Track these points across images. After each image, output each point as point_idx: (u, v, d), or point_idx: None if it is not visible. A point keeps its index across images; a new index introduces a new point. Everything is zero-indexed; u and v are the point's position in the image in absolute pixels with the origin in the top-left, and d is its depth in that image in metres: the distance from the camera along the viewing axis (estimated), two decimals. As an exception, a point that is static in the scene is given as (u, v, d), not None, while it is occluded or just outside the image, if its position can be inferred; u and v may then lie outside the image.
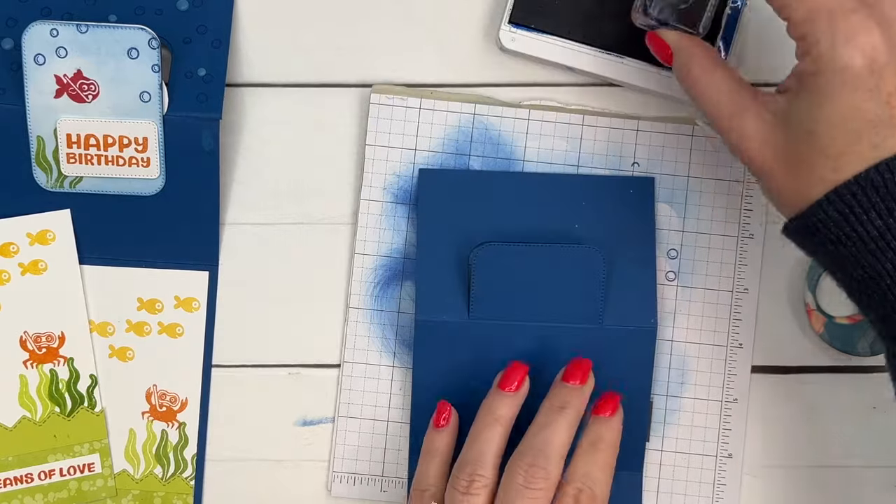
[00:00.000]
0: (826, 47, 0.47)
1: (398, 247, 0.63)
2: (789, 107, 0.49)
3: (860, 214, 0.46)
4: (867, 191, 0.46)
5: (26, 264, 0.62)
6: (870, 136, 0.46)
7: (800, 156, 0.48)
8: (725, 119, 0.51)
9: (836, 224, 0.47)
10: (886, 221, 0.46)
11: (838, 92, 0.47)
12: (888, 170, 0.46)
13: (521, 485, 0.54)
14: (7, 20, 0.60)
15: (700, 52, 0.54)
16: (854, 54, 0.46)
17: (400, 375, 0.63)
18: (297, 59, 0.63)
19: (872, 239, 0.47)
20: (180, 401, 0.63)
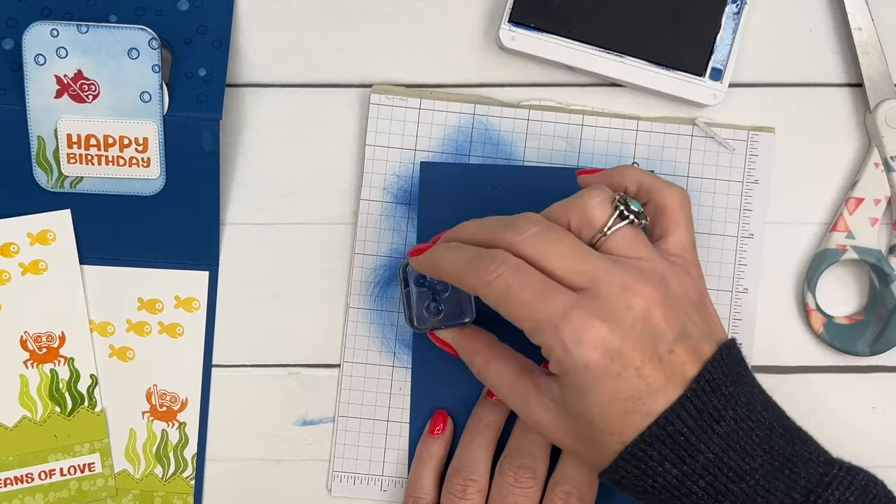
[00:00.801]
0: (560, 353, 0.48)
1: (398, 247, 0.63)
2: (563, 396, 0.50)
3: (655, 467, 0.48)
4: (654, 445, 0.47)
5: (27, 264, 0.62)
6: (637, 408, 0.47)
7: (589, 436, 0.49)
8: (516, 406, 0.53)
9: (636, 479, 0.48)
10: (682, 469, 0.47)
11: (592, 386, 0.48)
12: (667, 422, 0.47)
13: (510, 484, 0.57)
14: (7, 20, 0.60)
15: (481, 349, 0.56)
16: (587, 352, 0.47)
17: (400, 375, 0.63)
18: (297, 59, 0.63)
19: (674, 486, 0.48)
20: (180, 401, 0.63)
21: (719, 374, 0.48)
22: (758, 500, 0.47)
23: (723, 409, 0.48)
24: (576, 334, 0.47)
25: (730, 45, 0.61)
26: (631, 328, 0.48)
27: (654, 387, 0.47)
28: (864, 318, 0.62)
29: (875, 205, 0.62)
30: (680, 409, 0.47)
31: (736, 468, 0.47)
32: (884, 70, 0.62)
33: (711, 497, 0.48)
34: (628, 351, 0.47)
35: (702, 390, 0.48)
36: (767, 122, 0.63)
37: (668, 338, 0.48)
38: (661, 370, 0.48)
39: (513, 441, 0.59)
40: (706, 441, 0.47)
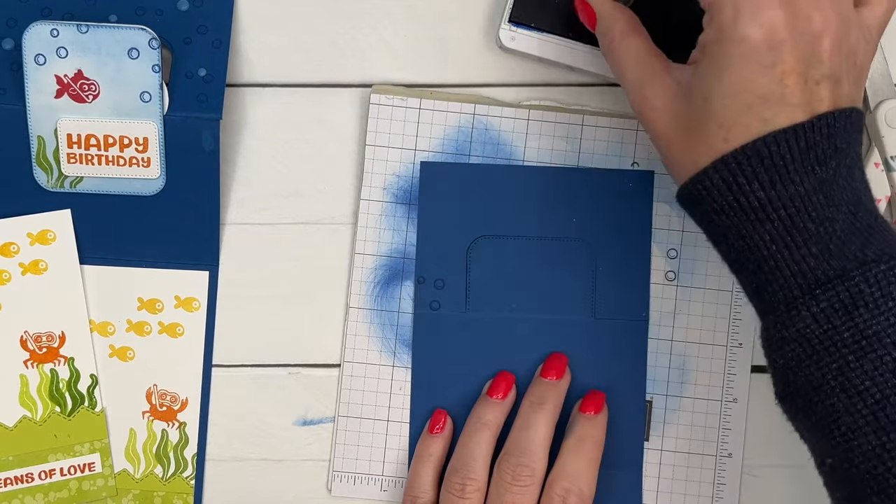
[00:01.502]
0: (728, 17, 0.48)
1: (398, 247, 0.63)
2: (693, 77, 0.50)
3: (743, 185, 0.48)
4: (752, 161, 0.47)
5: (27, 264, 0.62)
6: (760, 111, 0.47)
7: (696, 124, 0.49)
8: (634, 84, 0.53)
9: (719, 192, 0.48)
10: (768, 193, 0.47)
11: (735, 63, 0.48)
12: (774, 142, 0.47)
13: (508, 483, 0.57)
14: (7, 20, 0.60)
15: (621, 19, 0.55)
16: (754, 27, 0.47)
17: (400, 375, 0.63)
18: (297, 59, 0.63)
19: (753, 210, 0.48)
20: (180, 400, 0.63)
21: (841, 126, 0.48)
22: (831, 246, 0.47)
23: (829, 156, 0.48)
24: (755, 6, 0.47)
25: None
26: (802, 35, 0.47)
27: (787, 99, 0.47)
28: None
29: (875, 205, 0.62)
30: (793, 135, 0.47)
31: (820, 210, 0.47)
32: (884, 70, 0.62)
33: (787, 229, 0.48)
34: (788, 51, 0.47)
35: (820, 129, 0.47)
36: (767, 122, 0.63)
37: (824, 69, 0.48)
38: (801, 88, 0.48)
39: (511, 440, 0.59)
40: (802, 175, 0.47)
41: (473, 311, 0.62)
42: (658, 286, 0.62)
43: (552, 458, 0.59)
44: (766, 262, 0.48)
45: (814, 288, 0.47)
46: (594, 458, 0.59)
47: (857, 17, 0.50)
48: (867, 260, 0.47)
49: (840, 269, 0.47)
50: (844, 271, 0.47)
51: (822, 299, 0.47)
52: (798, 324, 0.48)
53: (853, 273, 0.47)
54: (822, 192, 0.48)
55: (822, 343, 0.47)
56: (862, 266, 0.47)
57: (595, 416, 0.60)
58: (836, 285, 0.47)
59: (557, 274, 0.62)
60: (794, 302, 0.48)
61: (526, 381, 0.62)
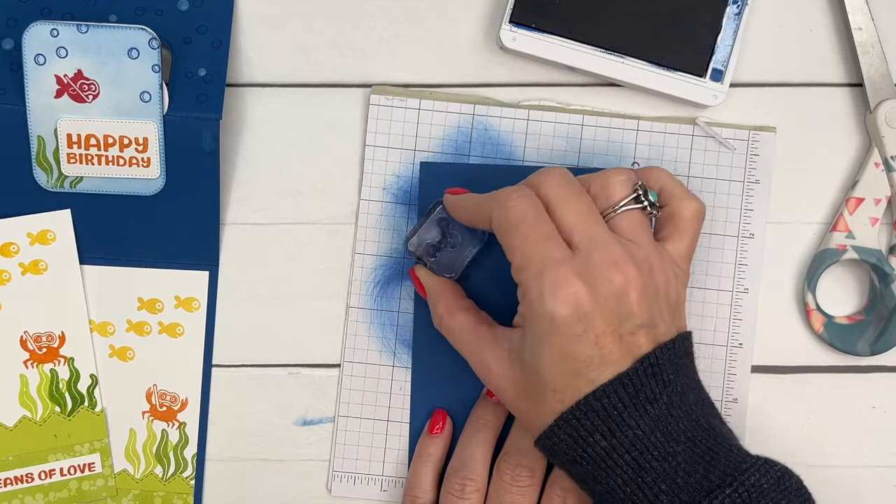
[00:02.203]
0: (535, 297, 0.51)
1: (398, 247, 0.63)
2: (520, 345, 0.53)
3: (586, 437, 0.50)
4: (588, 415, 0.50)
5: (27, 264, 0.62)
6: (585, 373, 0.50)
7: (533, 389, 0.52)
8: (471, 355, 0.56)
9: (568, 446, 0.51)
10: (610, 441, 0.50)
11: (552, 337, 0.50)
12: (604, 395, 0.49)
13: (508, 483, 0.58)
14: (7, 20, 0.60)
15: (446, 294, 0.59)
16: (559, 305, 0.50)
17: (400, 375, 0.63)
18: (297, 59, 0.63)
19: (601, 458, 0.50)
20: (180, 400, 0.63)
21: (664, 360, 0.50)
22: (678, 480, 0.49)
23: (659, 393, 0.50)
24: (555, 285, 0.50)
25: (731, 46, 0.61)
26: (605, 299, 0.50)
27: (607, 358, 0.50)
28: (864, 318, 0.62)
29: (875, 205, 0.62)
30: (619, 384, 0.49)
31: (661, 448, 0.49)
32: (884, 70, 0.62)
33: (635, 472, 0.50)
34: (596, 317, 0.50)
35: (644, 371, 0.50)
36: (768, 122, 0.63)
37: (636, 321, 0.50)
38: (618, 345, 0.50)
39: (511, 440, 0.59)
40: (637, 419, 0.49)
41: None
42: (658, 286, 0.62)
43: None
44: (625, 503, 0.50)
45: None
46: None
47: (660, 255, 0.53)
48: (713, 487, 0.49)
49: (690, 502, 0.49)
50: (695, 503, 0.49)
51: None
52: None
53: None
54: (659, 429, 0.50)
55: None
56: (709, 495, 0.49)
57: None
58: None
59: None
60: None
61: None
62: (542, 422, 0.52)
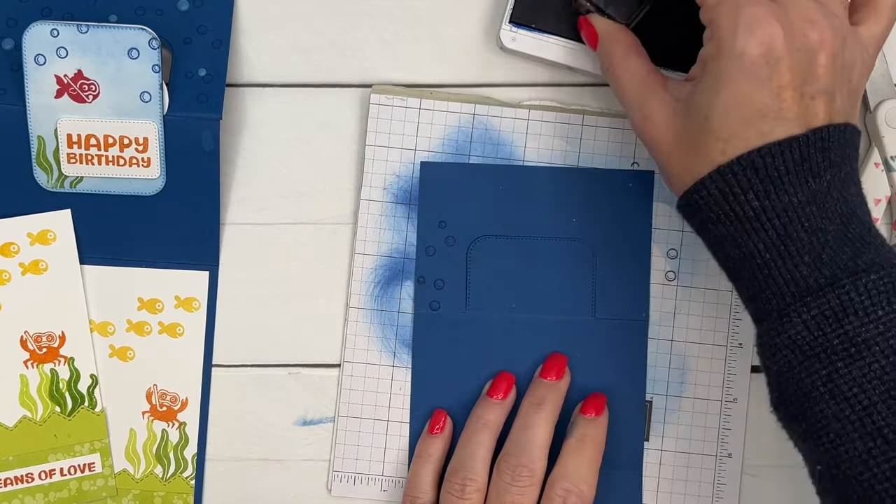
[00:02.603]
0: (727, 32, 0.49)
1: (398, 247, 0.63)
2: (692, 93, 0.51)
3: (738, 194, 0.49)
4: (747, 172, 0.49)
5: (27, 264, 0.62)
6: (758, 124, 0.49)
7: (695, 139, 0.50)
8: (634, 101, 0.54)
9: (716, 202, 0.50)
10: (763, 203, 0.49)
11: (734, 78, 0.49)
12: (770, 154, 0.48)
13: (508, 483, 0.58)
14: (7, 20, 0.60)
15: (622, 39, 0.57)
16: (752, 43, 0.49)
17: (400, 375, 0.63)
18: (297, 59, 0.63)
19: (748, 219, 0.49)
20: (180, 400, 0.63)
21: (835, 140, 0.49)
22: (822, 256, 0.48)
23: (824, 169, 0.49)
24: (752, 22, 0.49)
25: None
26: (798, 51, 0.49)
27: (784, 114, 0.49)
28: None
29: (875, 205, 0.62)
30: (788, 147, 0.48)
31: (814, 221, 0.49)
32: (884, 70, 0.62)
33: (780, 238, 0.49)
34: (784, 67, 0.49)
35: (814, 142, 0.49)
36: (767, 122, 0.63)
37: (819, 85, 0.49)
38: (797, 103, 0.49)
39: (511, 440, 0.59)
40: (796, 186, 0.48)
41: (473, 311, 0.62)
42: (658, 286, 0.62)
43: (552, 458, 0.59)
44: (761, 270, 0.49)
45: (805, 296, 0.48)
46: (595, 458, 0.59)
47: (853, 35, 0.51)
48: (857, 269, 0.48)
49: (831, 277, 0.48)
50: (835, 279, 0.48)
51: (813, 307, 0.48)
52: (789, 331, 0.49)
53: (844, 282, 0.47)
54: (816, 203, 0.49)
55: (813, 350, 0.48)
56: (852, 275, 0.48)
57: (596, 417, 0.60)
58: (826, 293, 0.48)
59: (557, 274, 0.62)
60: (785, 309, 0.49)
61: (526, 381, 0.62)
62: (695, 174, 0.51)
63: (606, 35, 0.57)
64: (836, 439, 0.48)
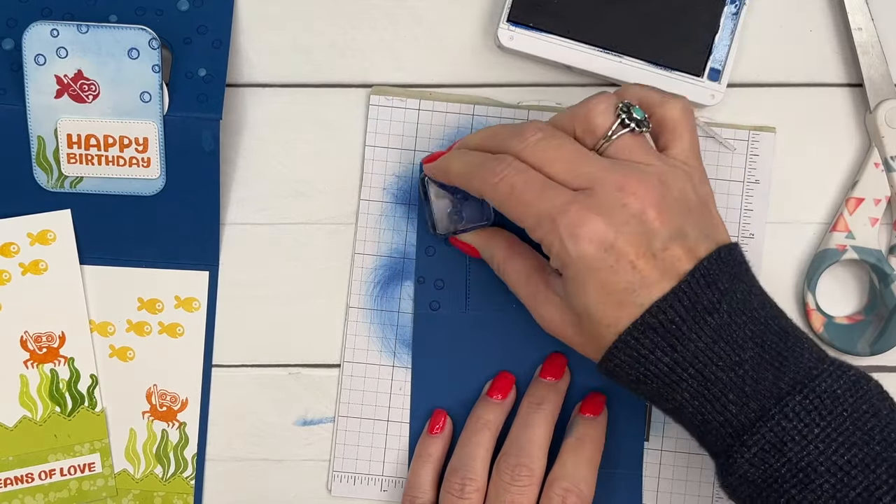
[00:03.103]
0: (558, 247, 0.50)
1: (398, 247, 0.63)
2: (565, 294, 0.52)
3: (647, 355, 0.50)
4: (646, 333, 0.50)
5: (27, 264, 0.62)
6: (632, 300, 0.50)
7: (586, 328, 0.52)
8: (526, 300, 0.56)
9: (630, 367, 0.51)
10: (672, 357, 0.50)
11: (588, 277, 0.50)
12: (659, 311, 0.49)
13: (507, 483, 0.58)
14: (7, 20, 0.60)
15: (498, 244, 0.59)
16: (583, 245, 0.50)
17: (400, 375, 0.63)
18: (297, 59, 0.63)
19: (665, 374, 0.50)
20: (180, 400, 0.63)
21: (715, 269, 0.50)
22: (745, 389, 0.49)
23: (717, 302, 0.49)
24: (572, 227, 0.50)
25: (728, 46, 0.61)
26: (625, 224, 0.49)
27: (649, 280, 0.49)
28: (864, 318, 0.62)
29: (875, 205, 0.62)
30: (673, 298, 0.49)
31: (726, 358, 0.49)
32: (884, 70, 0.62)
33: (701, 384, 0.50)
34: (622, 245, 0.49)
35: (696, 283, 0.49)
36: (768, 122, 0.63)
37: (663, 235, 0.50)
38: (654, 265, 0.50)
39: (510, 440, 0.59)
40: (697, 331, 0.49)
41: (473, 311, 0.62)
42: (658, 286, 0.62)
43: (552, 458, 0.59)
44: (695, 416, 0.51)
45: (741, 434, 0.50)
46: (594, 458, 0.59)
47: (665, 164, 0.52)
48: (782, 394, 0.49)
49: (759, 410, 0.49)
50: (764, 411, 0.49)
51: (752, 444, 0.49)
52: (738, 470, 0.50)
53: (772, 412, 0.49)
54: (722, 339, 0.49)
55: (765, 481, 0.49)
56: (779, 402, 0.49)
57: (595, 417, 0.60)
58: (759, 428, 0.49)
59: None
60: (729, 451, 0.50)
61: (526, 381, 0.62)
62: (602, 350, 0.52)
63: (482, 245, 0.59)
64: None
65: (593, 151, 0.52)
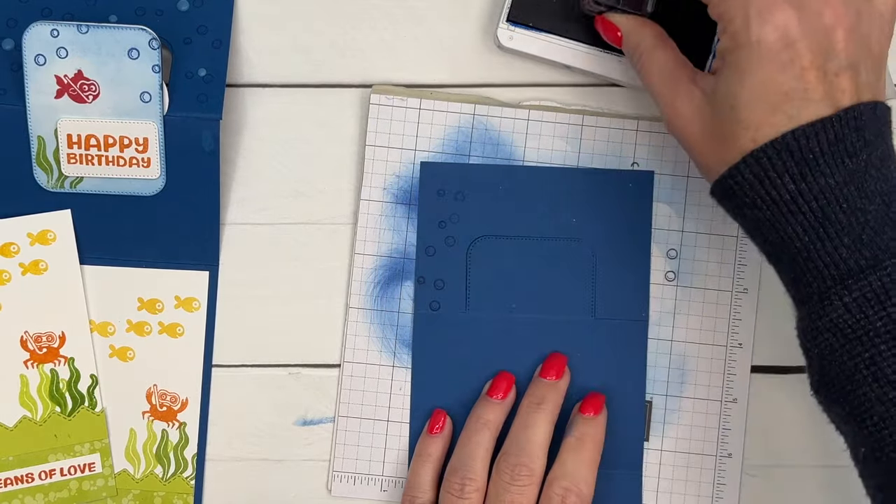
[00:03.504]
0: (741, 24, 0.49)
1: (398, 247, 0.63)
2: (716, 85, 0.51)
3: (774, 178, 0.48)
4: (781, 155, 0.48)
5: (27, 264, 0.62)
6: (785, 108, 0.48)
7: (724, 130, 0.50)
8: (663, 95, 0.54)
9: (751, 187, 0.49)
10: (799, 186, 0.48)
11: (754, 66, 0.49)
12: (803, 135, 0.48)
13: (507, 482, 0.58)
14: (7, 20, 0.60)
15: (647, 33, 0.57)
16: (767, 29, 0.48)
17: (400, 375, 0.63)
18: (297, 59, 0.63)
19: (785, 202, 0.49)
20: (181, 400, 0.63)
21: (868, 117, 0.49)
22: (863, 237, 0.48)
23: (859, 148, 0.48)
24: (765, 9, 0.48)
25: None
26: (814, 31, 0.48)
27: (811, 94, 0.48)
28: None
29: None
30: (821, 128, 0.48)
31: (852, 202, 0.48)
32: (884, 70, 0.62)
33: (819, 221, 0.48)
34: (803, 48, 0.48)
35: (847, 122, 0.48)
36: (767, 122, 0.63)
37: (841, 60, 0.49)
38: (822, 82, 0.48)
39: (510, 439, 0.59)
40: (833, 167, 0.48)
41: (473, 311, 0.62)
42: (658, 286, 0.62)
43: (552, 457, 0.59)
44: (800, 253, 0.49)
45: (846, 278, 0.48)
46: (594, 458, 0.59)
47: (867, 6, 0.51)
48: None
49: (872, 258, 0.48)
50: (877, 261, 0.47)
51: (855, 289, 0.48)
52: (831, 314, 0.48)
53: (885, 263, 0.47)
54: (854, 183, 0.48)
55: (855, 332, 0.48)
56: (894, 256, 0.47)
57: (595, 417, 0.60)
58: (868, 275, 0.47)
59: (557, 274, 0.62)
60: (826, 292, 0.48)
61: (526, 381, 0.62)
62: (727, 162, 0.50)
63: (630, 30, 0.57)
64: (879, 422, 0.47)
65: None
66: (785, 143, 0.48)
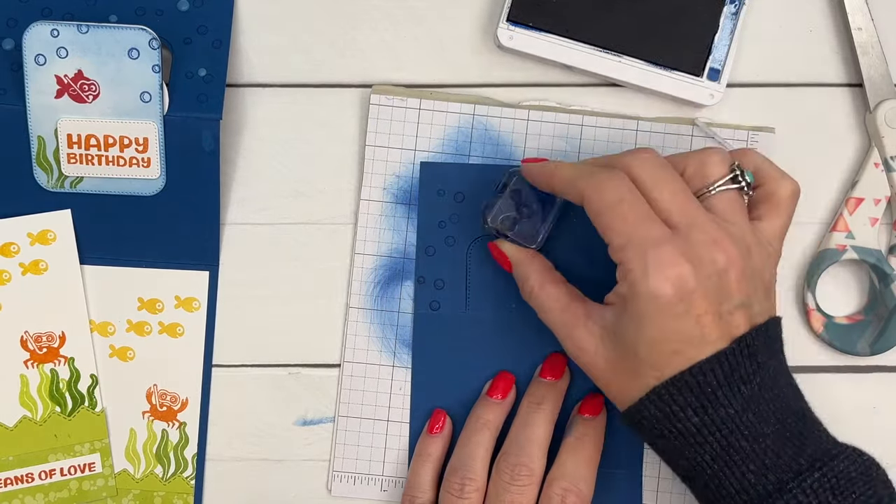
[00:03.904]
0: (639, 275, 0.50)
1: (398, 247, 0.63)
2: (615, 323, 0.53)
3: (678, 412, 0.50)
4: (682, 391, 0.50)
5: (27, 264, 0.62)
6: (685, 352, 0.50)
7: (628, 367, 0.52)
8: (561, 330, 0.56)
9: (657, 420, 0.51)
10: (702, 418, 0.50)
11: (653, 316, 0.50)
12: (700, 372, 0.50)
13: (507, 482, 0.58)
14: (7, 20, 0.60)
15: (535, 268, 0.58)
16: (664, 284, 0.50)
17: (400, 375, 0.63)
18: (297, 59, 0.63)
19: (691, 434, 0.51)
20: (181, 400, 0.63)
21: (761, 341, 0.51)
22: (766, 461, 0.50)
23: (752, 374, 0.50)
24: (660, 264, 0.50)
25: (728, 46, 0.61)
26: (708, 278, 0.50)
27: (708, 338, 0.50)
28: (864, 318, 0.62)
29: (875, 205, 0.62)
30: (717, 362, 0.50)
31: (752, 428, 0.50)
32: (884, 70, 0.62)
33: (724, 450, 0.50)
34: (698, 297, 0.50)
35: (741, 351, 0.50)
36: (767, 122, 0.63)
37: (735, 300, 0.51)
38: (718, 325, 0.50)
39: (510, 439, 0.59)
40: (730, 398, 0.50)
41: (473, 311, 0.62)
42: (658, 286, 0.62)
43: (551, 457, 0.59)
44: (711, 480, 0.51)
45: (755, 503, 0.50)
46: (593, 457, 0.59)
47: (756, 236, 0.53)
48: (801, 469, 0.50)
49: (777, 483, 0.50)
50: (782, 485, 0.50)
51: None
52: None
53: (790, 485, 0.49)
54: (751, 410, 0.50)
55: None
56: (797, 476, 0.50)
57: (594, 417, 0.60)
58: (776, 500, 0.49)
59: (557, 274, 0.62)
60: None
61: (526, 381, 0.62)
62: (632, 396, 0.52)
63: (518, 261, 0.59)
64: None
65: None
66: (684, 381, 0.50)
